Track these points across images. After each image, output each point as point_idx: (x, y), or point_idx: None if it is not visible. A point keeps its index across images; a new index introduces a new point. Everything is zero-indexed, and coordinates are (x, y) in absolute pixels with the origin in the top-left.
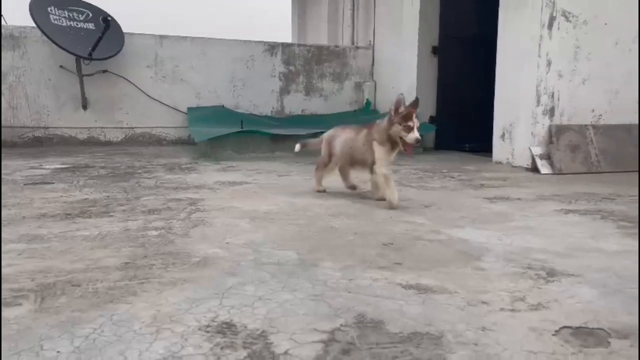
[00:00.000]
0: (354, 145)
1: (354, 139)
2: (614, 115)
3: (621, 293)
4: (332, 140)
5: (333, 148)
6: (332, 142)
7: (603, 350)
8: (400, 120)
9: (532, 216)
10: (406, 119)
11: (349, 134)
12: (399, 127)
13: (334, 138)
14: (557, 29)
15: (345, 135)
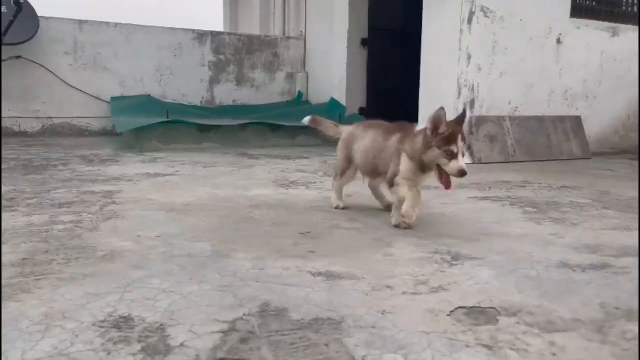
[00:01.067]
0: (380, 153)
1: (381, 145)
2: (528, 107)
3: (515, 273)
4: (352, 141)
5: (353, 152)
6: (351, 144)
7: (491, 327)
8: (439, 144)
9: (448, 203)
10: (448, 142)
11: (377, 136)
12: (436, 152)
13: (355, 139)
14: (477, 23)
15: (371, 137)
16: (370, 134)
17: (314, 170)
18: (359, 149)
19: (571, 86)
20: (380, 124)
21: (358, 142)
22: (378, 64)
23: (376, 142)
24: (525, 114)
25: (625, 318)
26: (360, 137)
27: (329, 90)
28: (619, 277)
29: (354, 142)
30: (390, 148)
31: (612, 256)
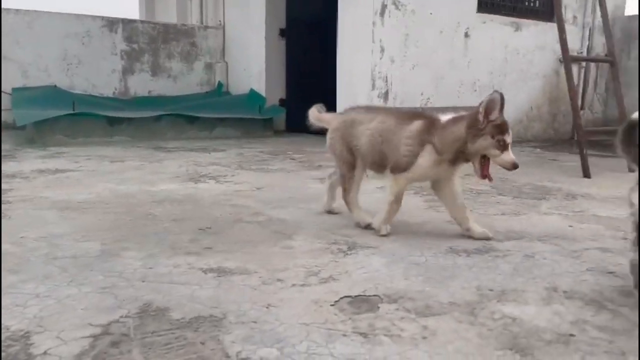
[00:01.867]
0: (392, 138)
1: (394, 130)
2: (440, 98)
3: (405, 260)
4: (350, 127)
5: (355, 139)
6: (351, 130)
7: (371, 315)
8: (493, 132)
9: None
10: (502, 131)
11: (388, 119)
12: (488, 142)
13: (355, 124)
14: (389, 16)
15: (380, 120)
16: (379, 117)
17: (228, 164)
18: (364, 134)
19: (479, 78)
20: (387, 108)
21: (361, 126)
22: (297, 55)
23: (386, 126)
24: (437, 104)
25: (496, 299)
26: (363, 120)
27: (249, 81)
28: (498, 261)
29: (353, 127)
30: (409, 136)
31: (498, 241)
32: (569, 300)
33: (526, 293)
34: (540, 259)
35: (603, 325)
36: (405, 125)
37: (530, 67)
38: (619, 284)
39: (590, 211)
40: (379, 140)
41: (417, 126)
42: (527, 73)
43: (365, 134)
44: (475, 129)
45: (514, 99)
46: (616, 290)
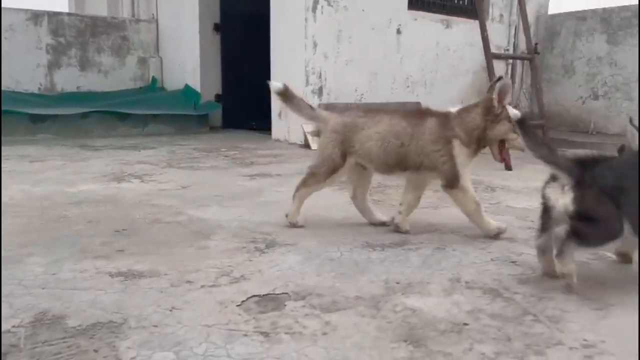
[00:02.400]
0: (409, 139)
1: (411, 131)
2: (374, 94)
3: (320, 257)
4: (351, 131)
5: (355, 144)
6: (351, 134)
7: (276, 313)
8: (508, 117)
9: (283, 191)
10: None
11: (396, 120)
12: (507, 126)
13: (357, 128)
14: (321, 12)
15: (389, 123)
16: (385, 119)
17: (157, 162)
18: (371, 138)
19: (411, 74)
20: (384, 109)
21: (365, 131)
22: (233, 50)
23: (401, 128)
24: (371, 100)
25: (401, 292)
26: (366, 124)
27: (184, 77)
28: (410, 254)
29: (354, 132)
30: (433, 139)
31: (412, 234)
32: (469, 290)
33: (431, 285)
34: (450, 251)
35: (496, 313)
36: (419, 124)
37: (461, 64)
38: (518, 272)
39: (505, 203)
40: (396, 143)
41: (433, 124)
42: (458, 69)
43: (374, 137)
44: (492, 116)
45: (446, 94)
46: (515, 278)
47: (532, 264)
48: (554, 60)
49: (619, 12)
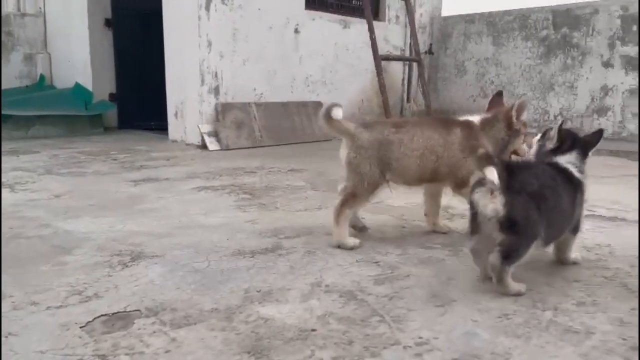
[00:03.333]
0: (442, 151)
1: (443, 142)
2: (273, 94)
3: (186, 268)
4: (386, 147)
5: (391, 161)
6: (387, 151)
7: (121, 333)
8: (524, 131)
9: (166, 197)
10: (525, 127)
11: (429, 134)
12: (521, 139)
13: (391, 144)
14: (215, 10)
15: (421, 137)
16: (419, 134)
17: (35, 168)
18: (409, 156)
19: (311, 73)
20: (408, 121)
21: (401, 149)
22: (127, 46)
23: (433, 141)
24: (271, 100)
25: (259, 301)
26: (402, 141)
27: (74, 74)
28: (280, 259)
29: (390, 149)
30: (459, 145)
31: (287, 238)
32: (327, 294)
33: (291, 291)
34: (319, 254)
35: (345, 317)
36: (448, 134)
37: (360, 63)
38: (378, 273)
39: (386, 202)
40: (432, 158)
41: (460, 133)
42: (357, 68)
43: (412, 155)
44: (515, 130)
45: (346, 92)
46: (373, 279)
47: (393, 264)
48: (448, 60)
49: (502, 16)
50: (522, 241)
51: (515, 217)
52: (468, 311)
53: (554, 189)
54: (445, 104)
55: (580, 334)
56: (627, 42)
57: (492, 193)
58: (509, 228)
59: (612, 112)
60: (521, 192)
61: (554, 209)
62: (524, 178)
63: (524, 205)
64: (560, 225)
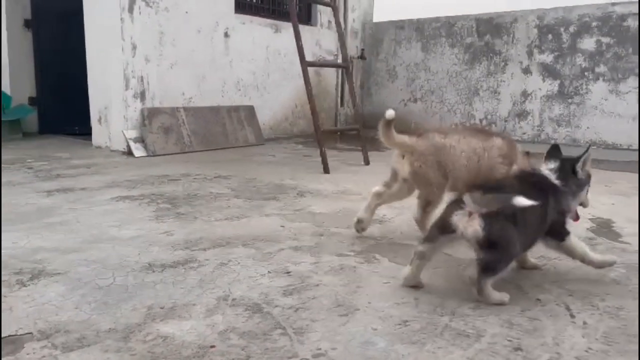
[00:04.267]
0: (483, 155)
1: (482, 146)
2: (203, 98)
3: (89, 285)
4: (445, 152)
5: (448, 163)
6: (443, 155)
7: (9, 358)
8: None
9: (79, 208)
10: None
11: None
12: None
13: (446, 148)
14: (139, 13)
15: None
16: (462, 138)
17: None
18: (460, 157)
19: (242, 77)
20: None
21: (453, 151)
22: (48, 49)
23: (475, 144)
24: (201, 104)
25: (161, 318)
26: (452, 144)
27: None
28: (190, 273)
29: (445, 153)
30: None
31: (201, 250)
32: (232, 308)
33: (196, 306)
34: (232, 266)
35: (247, 331)
36: (487, 140)
37: (292, 67)
38: (287, 284)
39: (308, 208)
40: (475, 160)
41: (501, 142)
42: (290, 72)
43: (462, 156)
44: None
45: (279, 97)
46: (282, 290)
47: (305, 274)
48: (380, 65)
49: (430, 22)
50: (501, 258)
51: (493, 237)
52: (369, 319)
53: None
54: (378, 108)
55: (470, 337)
56: (544, 50)
57: (469, 215)
58: (488, 247)
59: (532, 117)
60: (498, 214)
61: (526, 223)
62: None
63: (501, 226)
64: (533, 235)
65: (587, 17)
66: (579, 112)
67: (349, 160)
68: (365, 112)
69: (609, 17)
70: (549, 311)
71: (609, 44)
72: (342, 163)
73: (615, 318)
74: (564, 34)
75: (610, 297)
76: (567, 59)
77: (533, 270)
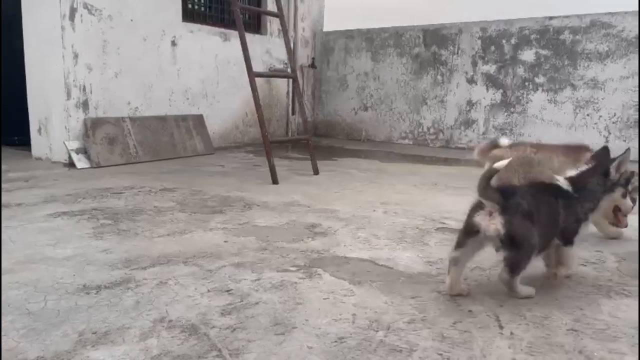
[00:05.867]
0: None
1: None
2: (150, 107)
3: (17, 311)
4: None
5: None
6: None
7: None
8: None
9: (13, 226)
10: (627, 182)
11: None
12: (620, 192)
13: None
14: (81, 21)
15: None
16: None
17: None
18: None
19: (191, 86)
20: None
21: (540, 167)
22: None
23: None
24: (147, 114)
25: (93, 344)
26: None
27: None
28: (127, 294)
29: (532, 167)
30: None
31: (141, 269)
32: (168, 331)
33: (130, 330)
34: (172, 285)
35: (181, 354)
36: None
37: (242, 76)
38: (227, 302)
39: (253, 222)
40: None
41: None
42: (240, 81)
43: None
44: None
45: (229, 105)
46: (221, 310)
47: (245, 291)
48: (331, 73)
49: (379, 32)
50: (523, 254)
51: (514, 233)
52: (306, 337)
53: (540, 205)
54: (330, 116)
55: (403, 352)
56: (487, 61)
57: (490, 215)
58: (510, 243)
59: (477, 125)
60: (516, 212)
61: (541, 222)
62: (518, 199)
63: (520, 222)
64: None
65: (526, 29)
66: (520, 120)
67: (299, 169)
68: (317, 119)
69: (546, 30)
70: (479, 322)
71: (546, 56)
72: (292, 172)
73: (540, 327)
74: (506, 45)
75: (537, 307)
76: (509, 70)
77: (470, 282)
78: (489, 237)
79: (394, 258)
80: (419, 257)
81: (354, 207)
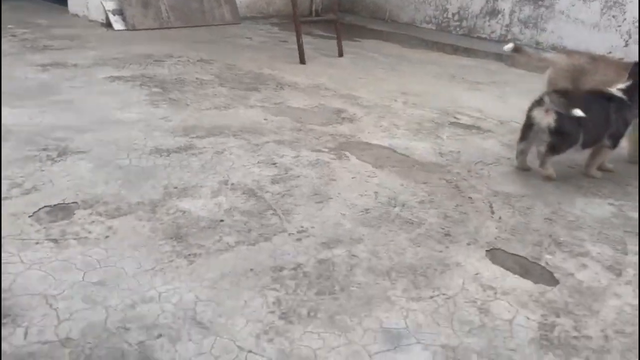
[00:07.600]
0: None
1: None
2: None
3: (111, 165)
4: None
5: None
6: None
7: (65, 222)
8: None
9: (78, 86)
10: None
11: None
12: None
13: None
14: None
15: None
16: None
17: None
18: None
19: None
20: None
21: (588, 76)
22: None
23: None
24: None
25: (177, 196)
26: (591, 71)
27: None
28: (192, 159)
29: (581, 74)
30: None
31: (198, 137)
32: (232, 191)
33: (203, 188)
34: (227, 155)
35: (247, 210)
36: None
37: None
38: (274, 173)
39: (287, 103)
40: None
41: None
42: None
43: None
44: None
45: None
46: (270, 179)
47: (288, 166)
48: None
49: None
50: (564, 143)
51: (561, 129)
52: (339, 207)
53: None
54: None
55: (414, 224)
56: None
57: (547, 111)
58: (556, 135)
59: (502, 15)
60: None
61: (589, 124)
62: (571, 102)
63: (569, 122)
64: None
65: None
66: (547, 15)
67: (323, 49)
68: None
69: None
70: (476, 207)
71: None
72: (317, 52)
73: (523, 215)
74: None
75: (525, 199)
76: None
77: (473, 174)
78: (542, 128)
79: (411, 147)
80: (432, 148)
81: (377, 95)
